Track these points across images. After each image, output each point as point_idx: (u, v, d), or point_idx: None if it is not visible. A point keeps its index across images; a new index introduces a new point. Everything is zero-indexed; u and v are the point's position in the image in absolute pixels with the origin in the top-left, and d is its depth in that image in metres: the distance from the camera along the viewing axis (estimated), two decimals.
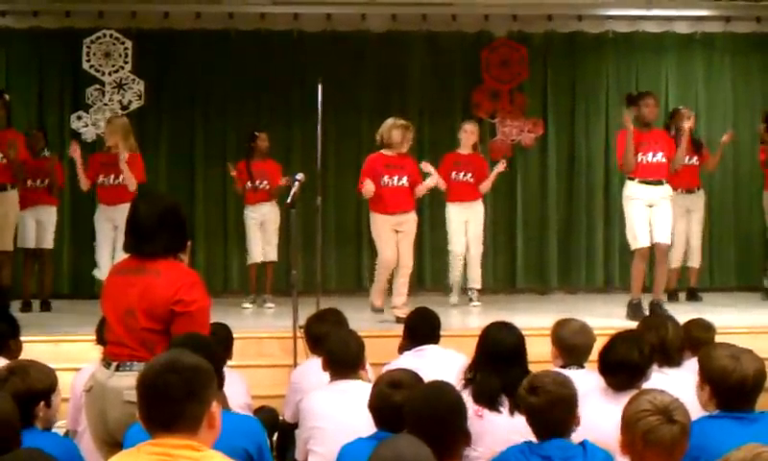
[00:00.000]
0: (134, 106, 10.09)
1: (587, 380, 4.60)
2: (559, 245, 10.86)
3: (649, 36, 10.96)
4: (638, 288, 8.16)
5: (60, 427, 4.85)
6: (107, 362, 4.06)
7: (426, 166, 8.50)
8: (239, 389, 4.79)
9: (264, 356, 7.18)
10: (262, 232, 9.45)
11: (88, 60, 10.07)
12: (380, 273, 8.33)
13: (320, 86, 8.06)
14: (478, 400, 4.22)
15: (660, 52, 10.97)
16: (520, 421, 3.78)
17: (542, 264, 10.85)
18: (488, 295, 10.42)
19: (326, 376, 4.66)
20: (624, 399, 3.21)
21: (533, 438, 3.61)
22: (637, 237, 8.05)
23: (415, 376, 3.86)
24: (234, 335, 5.38)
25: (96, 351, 5.03)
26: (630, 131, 7.92)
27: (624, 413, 3.07)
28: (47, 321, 8.18)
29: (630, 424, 3.02)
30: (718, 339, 4.87)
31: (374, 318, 8.17)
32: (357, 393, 4.30)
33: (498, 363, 4.26)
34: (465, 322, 8.46)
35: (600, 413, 3.87)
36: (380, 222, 8.26)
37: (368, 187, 8.09)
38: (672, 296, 9.43)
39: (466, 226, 9.28)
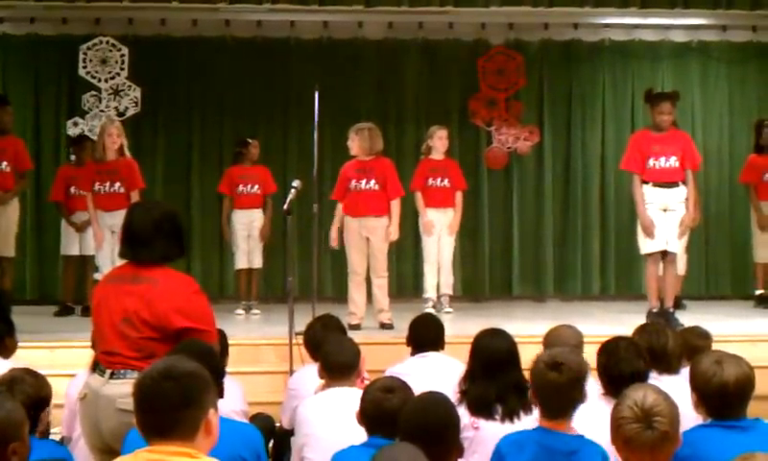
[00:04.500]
0: (131, 112, 10.10)
1: None
2: (555, 252, 10.86)
3: (645, 45, 10.97)
4: (655, 295, 7.95)
5: (54, 434, 4.84)
6: (100, 370, 4.04)
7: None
8: (235, 396, 4.78)
9: (260, 363, 7.17)
10: (249, 238, 9.46)
11: (85, 67, 10.08)
12: (350, 281, 8.28)
13: (316, 94, 8.07)
14: (474, 411, 4.22)
15: (657, 60, 10.98)
16: (513, 428, 3.78)
17: (538, 271, 10.85)
18: (483, 302, 10.49)
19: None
20: None
21: None
22: (649, 242, 7.90)
23: (403, 383, 3.86)
24: (230, 342, 5.38)
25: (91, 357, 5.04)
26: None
27: (611, 415, 3.14)
28: (43, 327, 8.15)
29: (614, 428, 3.10)
30: (714, 347, 4.88)
31: (370, 326, 8.16)
32: (352, 400, 4.29)
33: (493, 370, 4.26)
34: (461, 329, 8.44)
35: (599, 419, 3.85)
36: (348, 226, 8.25)
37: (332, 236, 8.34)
38: None
39: (440, 231, 9.24)
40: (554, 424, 3.63)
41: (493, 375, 4.23)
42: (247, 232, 9.44)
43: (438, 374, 4.79)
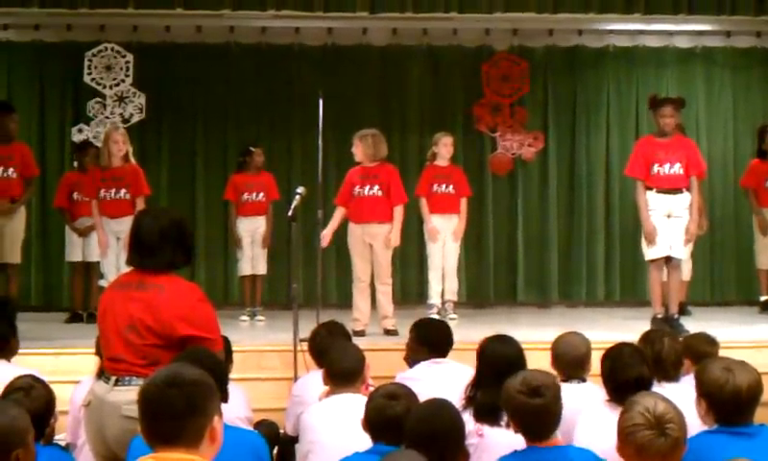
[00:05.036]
0: (135, 119, 10.12)
1: (589, 394, 4.60)
2: (559, 258, 10.85)
3: (649, 51, 10.97)
4: (659, 301, 7.98)
5: (59, 440, 4.84)
6: (105, 377, 4.05)
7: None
8: (239, 402, 4.77)
9: (264, 369, 7.16)
10: (253, 245, 9.46)
11: (90, 74, 10.10)
12: (354, 287, 8.28)
13: (320, 100, 8.07)
14: (480, 417, 4.20)
15: (661, 66, 10.99)
16: (517, 435, 3.78)
17: (543, 278, 10.84)
18: (488, 308, 10.47)
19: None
20: None
21: None
22: (653, 248, 7.90)
23: (408, 390, 3.85)
24: (235, 348, 5.38)
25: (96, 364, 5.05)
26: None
27: (619, 422, 3.11)
28: (48, 333, 8.16)
29: (623, 435, 3.08)
30: (720, 354, 4.87)
31: (374, 332, 8.16)
32: (356, 407, 4.29)
33: (501, 376, 4.24)
34: (465, 335, 8.43)
35: (605, 426, 3.84)
36: (352, 233, 8.25)
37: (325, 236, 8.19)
38: None
39: (445, 237, 9.23)
40: (545, 442, 3.60)
41: (501, 381, 4.21)
42: (251, 239, 9.46)
43: (449, 380, 4.75)
